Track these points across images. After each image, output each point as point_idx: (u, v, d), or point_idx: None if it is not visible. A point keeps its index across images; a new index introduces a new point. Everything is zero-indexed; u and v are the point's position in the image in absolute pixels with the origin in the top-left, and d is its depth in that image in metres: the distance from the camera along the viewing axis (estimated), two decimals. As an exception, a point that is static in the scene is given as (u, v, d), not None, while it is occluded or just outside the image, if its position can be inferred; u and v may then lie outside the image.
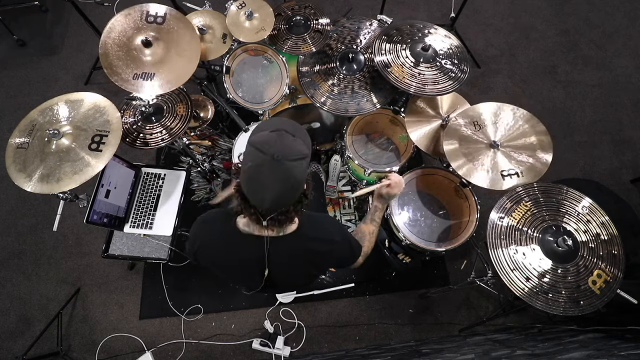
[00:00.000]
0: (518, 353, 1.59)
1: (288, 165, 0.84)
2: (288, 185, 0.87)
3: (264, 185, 0.86)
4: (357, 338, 2.08)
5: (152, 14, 1.56)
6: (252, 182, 0.88)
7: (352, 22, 1.93)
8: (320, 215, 1.15)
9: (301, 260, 1.09)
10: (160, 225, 1.84)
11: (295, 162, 0.85)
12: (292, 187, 0.88)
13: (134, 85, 1.48)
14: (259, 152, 0.84)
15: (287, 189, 0.88)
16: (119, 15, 1.53)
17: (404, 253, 1.88)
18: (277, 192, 0.87)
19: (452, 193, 1.83)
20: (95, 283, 2.18)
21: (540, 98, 2.77)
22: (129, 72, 1.48)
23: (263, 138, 0.86)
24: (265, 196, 0.87)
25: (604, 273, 1.28)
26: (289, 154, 0.84)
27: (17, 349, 2.02)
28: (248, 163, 0.86)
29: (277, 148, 0.83)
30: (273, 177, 0.85)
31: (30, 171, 1.35)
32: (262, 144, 0.84)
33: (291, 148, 0.85)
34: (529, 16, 3.10)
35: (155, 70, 1.50)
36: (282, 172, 0.84)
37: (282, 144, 0.85)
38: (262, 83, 1.89)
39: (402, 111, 1.90)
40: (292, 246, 1.03)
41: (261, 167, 0.84)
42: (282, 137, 0.86)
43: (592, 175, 2.50)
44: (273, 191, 0.86)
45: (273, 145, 0.84)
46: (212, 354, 2.04)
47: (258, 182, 0.86)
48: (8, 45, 2.87)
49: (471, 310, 2.15)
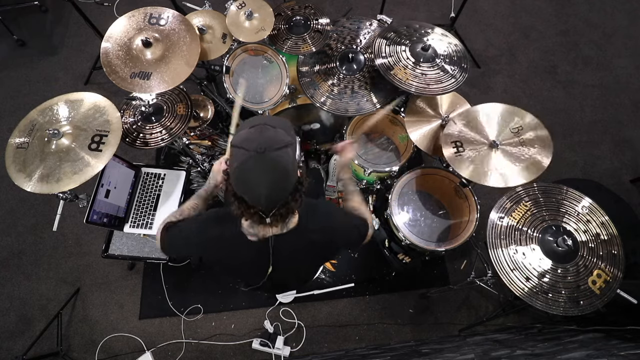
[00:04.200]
0: (518, 353, 1.59)
1: (273, 155, 0.83)
2: (278, 175, 0.86)
3: (255, 181, 0.85)
4: (357, 338, 2.08)
5: (155, 16, 1.57)
6: (243, 181, 0.87)
7: (352, 22, 1.93)
8: (320, 203, 1.13)
9: (303, 254, 1.08)
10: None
11: (279, 151, 0.84)
12: (282, 176, 0.86)
13: (130, 83, 1.47)
14: (241, 150, 0.84)
15: (279, 179, 0.86)
16: (123, 17, 1.55)
17: (404, 253, 1.88)
18: (270, 185, 0.86)
19: (452, 193, 1.83)
20: (95, 283, 2.18)
21: (540, 98, 2.77)
22: (126, 71, 1.48)
23: (243, 136, 0.87)
24: (260, 192, 0.86)
25: (604, 273, 1.28)
26: (272, 144, 0.84)
27: (17, 349, 2.02)
28: (234, 164, 0.86)
29: (259, 142, 0.83)
30: (261, 170, 0.84)
31: (30, 171, 1.35)
32: (243, 142, 0.85)
33: (273, 139, 0.85)
34: (529, 16, 3.10)
35: (152, 70, 1.49)
36: (268, 163, 0.83)
37: (263, 137, 0.85)
38: (262, 83, 1.89)
39: (402, 111, 1.90)
40: (294, 242, 1.02)
41: (248, 164, 0.84)
42: (262, 131, 0.86)
43: (592, 175, 2.50)
44: (266, 185, 0.85)
45: (254, 140, 0.84)
46: (212, 354, 2.04)
47: (249, 180, 0.86)
48: (8, 45, 2.87)
49: (471, 310, 2.15)
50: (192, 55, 1.53)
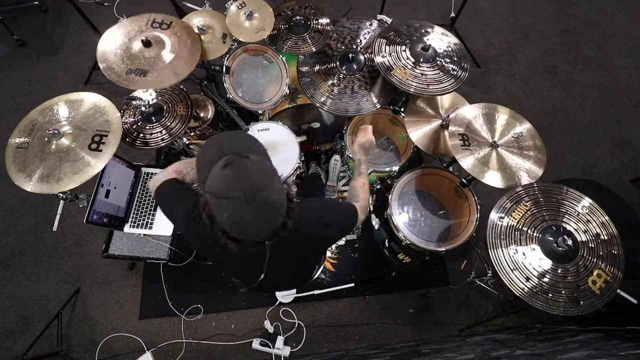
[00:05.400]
0: (518, 353, 1.59)
1: (263, 196, 0.78)
2: (273, 211, 0.84)
3: (251, 224, 0.82)
4: (357, 338, 2.08)
5: (158, 21, 1.59)
6: (238, 227, 0.83)
7: (352, 22, 1.93)
8: (310, 200, 1.13)
9: (297, 253, 1.07)
10: (160, 225, 1.84)
11: (267, 189, 0.79)
12: (278, 210, 0.85)
13: (126, 79, 1.46)
14: (225, 200, 0.78)
15: (276, 213, 0.84)
16: (127, 20, 1.57)
17: (404, 253, 1.87)
18: (269, 222, 0.84)
19: (452, 193, 1.83)
20: (95, 283, 2.18)
21: (540, 98, 2.77)
22: (123, 67, 1.48)
23: (220, 183, 0.79)
24: (260, 230, 0.84)
25: (604, 273, 1.28)
26: (257, 185, 0.78)
27: (17, 349, 2.02)
28: (224, 214, 0.80)
29: (242, 188, 0.76)
30: (256, 215, 0.80)
31: (30, 171, 1.35)
32: (223, 192, 0.78)
33: (255, 177, 0.79)
34: (529, 16, 3.10)
35: (149, 68, 1.48)
36: (261, 206, 0.79)
37: (242, 179, 0.78)
38: (262, 83, 1.89)
39: (402, 111, 1.90)
40: (287, 244, 0.98)
41: (241, 215, 0.79)
42: (236, 169, 0.79)
43: (592, 175, 2.50)
44: (264, 223, 0.83)
45: (234, 186, 0.77)
46: (212, 354, 2.04)
47: (244, 225, 0.82)
48: (8, 45, 2.87)
49: (471, 310, 2.15)
50: (192, 58, 1.54)
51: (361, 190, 1.28)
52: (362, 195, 1.27)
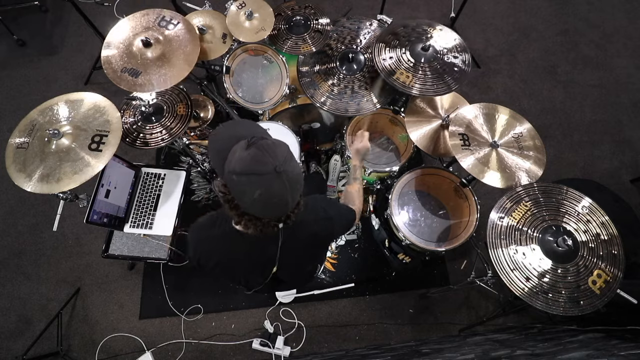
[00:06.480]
0: (518, 353, 1.59)
1: (289, 170, 0.83)
2: (300, 183, 0.89)
3: (281, 197, 0.85)
4: (357, 338, 2.08)
5: (167, 19, 1.58)
6: (269, 204, 0.86)
7: (352, 22, 1.93)
8: (313, 197, 1.16)
9: (305, 249, 1.11)
10: (160, 225, 1.84)
11: (291, 164, 0.84)
12: (300, 182, 0.89)
13: (119, 77, 1.46)
14: (255, 176, 0.81)
15: (298, 186, 0.89)
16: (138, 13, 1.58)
17: (404, 253, 1.87)
18: (293, 195, 0.88)
19: (452, 193, 1.83)
20: (95, 283, 2.18)
21: (540, 98, 2.77)
22: (120, 64, 1.48)
23: (246, 162, 0.81)
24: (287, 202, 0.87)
25: (604, 273, 1.28)
26: (282, 160, 0.82)
27: (17, 349, 2.02)
28: (256, 192, 0.82)
29: (272, 162, 0.80)
30: (285, 188, 0.83)
31: (30, 171, 1.35)
32: (252, 169, 0.81)
33: (277, 152, 0.83)
34: (529, 16, 3.10)
35: (143, 70, 1.48)
36: (289, 179, 0.83)
37: (269, 155, 0.81)
38: (262, 83, 1.89)
39: (402, 111, 1.90)
40: (297, 236, 1.03)
41: (271, 188, 0.82)
42: (261, 148, 0.82)
43: (592, 175, 2.50)
44: (291, 197, 0.87)
45: (263, 162, 0.80)
46: (212, 354, 2.04)
47: (275, 200, 0.85)
48: (8, 45, 2.87)
49: (471, 310, 2.15)
50: (189, 62, 1.52)
51: (356, 195, 1.35)
52: (358, 200, 1.34)
